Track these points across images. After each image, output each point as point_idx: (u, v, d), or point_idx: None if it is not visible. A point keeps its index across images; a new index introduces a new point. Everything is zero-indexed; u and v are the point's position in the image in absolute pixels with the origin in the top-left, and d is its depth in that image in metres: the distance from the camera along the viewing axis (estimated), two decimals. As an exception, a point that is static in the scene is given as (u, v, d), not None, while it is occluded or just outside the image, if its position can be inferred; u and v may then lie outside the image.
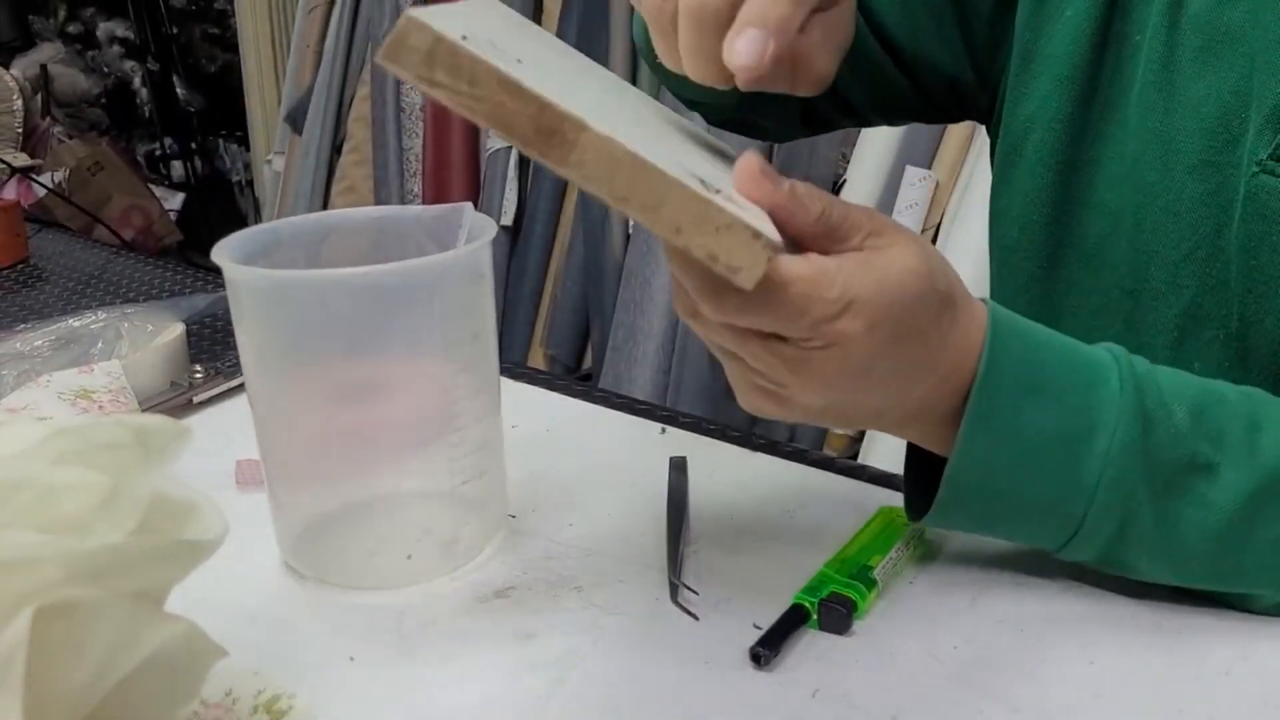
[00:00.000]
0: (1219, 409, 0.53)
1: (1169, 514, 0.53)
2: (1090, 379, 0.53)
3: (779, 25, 0.48)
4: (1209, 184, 0.61)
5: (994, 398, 0.51)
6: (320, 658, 0.56)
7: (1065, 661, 0.53)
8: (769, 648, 0.53)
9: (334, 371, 0.60)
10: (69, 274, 1.20)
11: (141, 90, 3.46)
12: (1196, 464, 0.52)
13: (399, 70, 0.40)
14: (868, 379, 0.50)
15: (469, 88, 0.40)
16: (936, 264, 0.50)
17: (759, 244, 0.42)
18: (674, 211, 0.41)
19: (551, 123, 0.40)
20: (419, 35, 0.39)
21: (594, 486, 0.70)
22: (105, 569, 0.38)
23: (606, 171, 0.40)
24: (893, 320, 0.48)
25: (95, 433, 0.43)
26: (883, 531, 0.61)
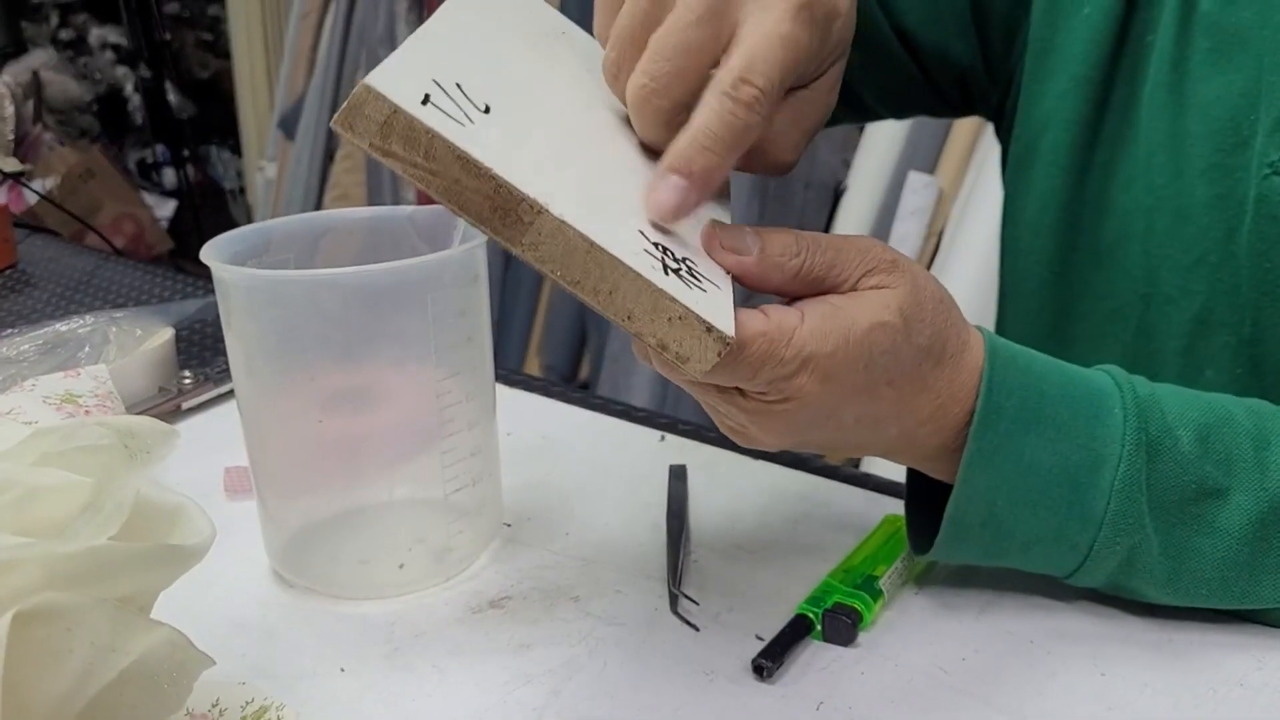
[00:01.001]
0: (1226, 430, 0.52)
1: (1177, 542, 0.51)
2: (1093, 410, 0.51)
3: (704, 177, 0.46)
4: (1219, 187, 0.60)
5: (994, 434, 0.50)
6: (310, 668, 0.54)
7: (1076, 673, 0.52)
8: (772, 659, 0.52)
9: (324, 374, 0.58)
10: (58, 279, 1.19)
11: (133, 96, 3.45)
12: (1205, 490, 0.51)
13: (353, 138, 0.39)
14: (831, 424, 0.49)
15: (425, 161, 0.39)
16: (921, 314, 0.48)
17: (710, 338, 0.41)
18: (626, 299, 0.41)
19: (507, 202, 0.39)
20: (375, 105, 0.38)
21: (591, 495, 0.69)
22: (87, 573, 0.36)
23: (561, 255, 0.40)
24: (854, 374, 0.47)
25: (78, 434, 0.42)
26: (888, 541, 0.59)
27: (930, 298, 0.49)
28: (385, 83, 0.38)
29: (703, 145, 0.45)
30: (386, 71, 0.40)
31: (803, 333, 0.45)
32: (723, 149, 0.46)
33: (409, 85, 0.39)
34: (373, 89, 0.38)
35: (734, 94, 0.45)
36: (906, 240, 1.70)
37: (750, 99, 0.45)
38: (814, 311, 0.46)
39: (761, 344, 0.44)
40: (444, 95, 0.41)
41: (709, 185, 0.46)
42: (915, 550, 0.56)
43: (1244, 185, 0.59)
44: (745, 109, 0.45)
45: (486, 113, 0.42)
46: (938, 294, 0.50)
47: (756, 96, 0.46)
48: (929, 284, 0.49)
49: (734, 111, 0.45)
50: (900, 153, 1.74)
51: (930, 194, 1.70)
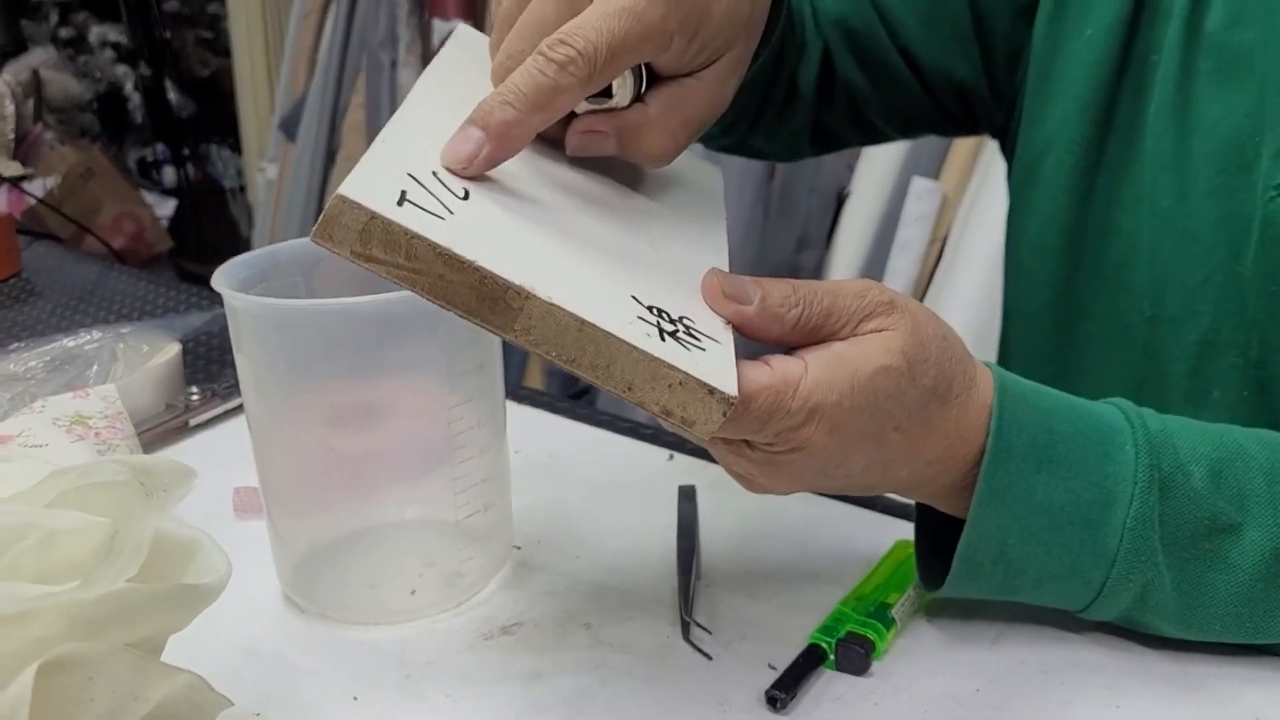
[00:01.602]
0: (1239, 464, 0.51)
1: (1191, 578, 0.51)
2: (1104, 447, 0.51)
3: (501, 131, 0.46)
4: (1224, 209, 0.60)
5: (1005, 473, 0.50)
6: (322, 696, 0.54)
7: (1090, 705, 0.52)
8: (785, 690, 0.52)
9: (335, 400, 0.58)
10: (62, 288, 1.18)
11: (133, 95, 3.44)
12: (1218, 526, 0.51)
13: (333, 249, 0.39)
14: (840, 472, 0.49)
15: (407, 261, 0.39)
16: (924, 354, 0.48)
17: (714, 399, 0.41)
18: (624, 371, 0.41)
19: (494, 291, 0.39)
20: (353, 214, 0.38)
21: (600, 516, 0.69)
22: (107, 618, 0.36)
23: (554, 336, 0.40)
24: (861, 422, 0.47)
25: (94, 472, 0.42)
26: (900, 567, 0.59)
27: (933, 336, 0.48)
28: (359, 190, 0.38)
29: (505, 100, 0.46)
30: (359, 176, 0.40)
31: (808, 383, 0.45)
32: (525, 105, 0.46)
33: (383, 187, 0.39)
34: (347, 199, 0.38)
35: (548, 52, 0.46)
36: (910, 245, 1.69)
37: (563, 58, 0.46)
38: (817, 360, 0.46)
39: (767, 397, 0.44)
40: (421, 189, 0.41)
41: (507, 141, 0.46)
42: (926, 586, 0.56)
43: (1249, 207, 0.58)
44: (556, 68, 0.46)
45: (465, 199, 0.42)
46: (939, 331, 0.49)
47: (571, 57, 0.46)
48: (930, 322, 0.49)
49: (543, 69, 0.46)
50: (904, 158, 1.73)
51: (934, 199, 1.70)
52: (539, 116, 0.46)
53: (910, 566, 0.59)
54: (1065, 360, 0.71)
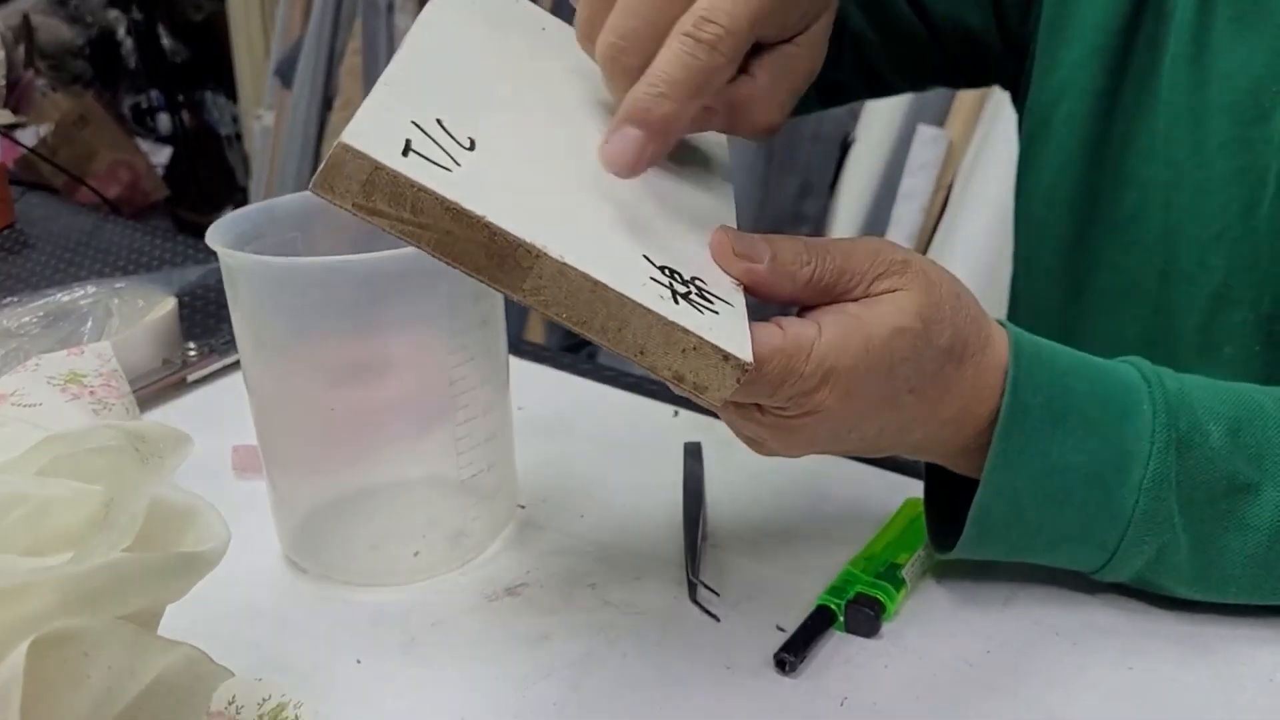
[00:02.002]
0: (1257, 424, 0.50)
1: (1207, 539, 0.50)
2: (1122, 407, 0.50)
3: (662, 126, 0.43)
4: (1239, 161, 0.58)
5: (1020, 433, 0.49)
6: (325, 659, 0.53)
7: (1103, 667, 0.51)
8: (795, 653, 0.51)
9: (335, 358, 0.57)
10: (56, 240, 1.17)
11: (126, 40, 3.39)
12: (1235, 485, 0.49)
13: (335, 200, 0.37)
14: (854, 436, 0.48)
15: (413, 215, 0.37)
16: (939, 314, 0.46)
17: (728, 365, 0.40)
18: (636, 335, 0.39)
19: (504, 249, 0.37)
20: (356, 163, 0.36)
21: (606, 474, 0.68)
22: (102, 590, 0.35)
23: (565, 297, 0.38)
24: (876, 385, 0.45)
25: (88, 437, 0.40)
26: (910, 526, 0.59)
27: (947, 295, 0.47)
28: (363, 138, 0.36)
29: (660, 91, 0.43)
30: (363, 124, 0.37)
31: (821, 346, 0.44)
32: (681, 93, 0.43)
33: (388, 136, 0.37)
34: (350, 147, 0.36)
35: (694, 33, 0.43)
36: (915, 194, 1.67)
37: (712, 38, 0.43)
38: (831, 322, 0.45)
39: (780, 360, 0.43)
40: (426, 139, 0.39)
41: (668, 135, 0.44)
42: (937, 549, 0.55)
43: (1265, 159, 0.57)
44: (706, 50, 0.43)
45: (471, 149, 0.40)
46: (954, 290, 0.48)
47: (719, 35, 0.43)
48: (944, 281, 0.48)
49: (694, 52, 0.43)
50: (909, 106, 1.71)
51: (939, 147, 1.68)
52: (696, 101, 0.44)
53: (920, 526, 0.58)
54: (1074, 315, 0.70)
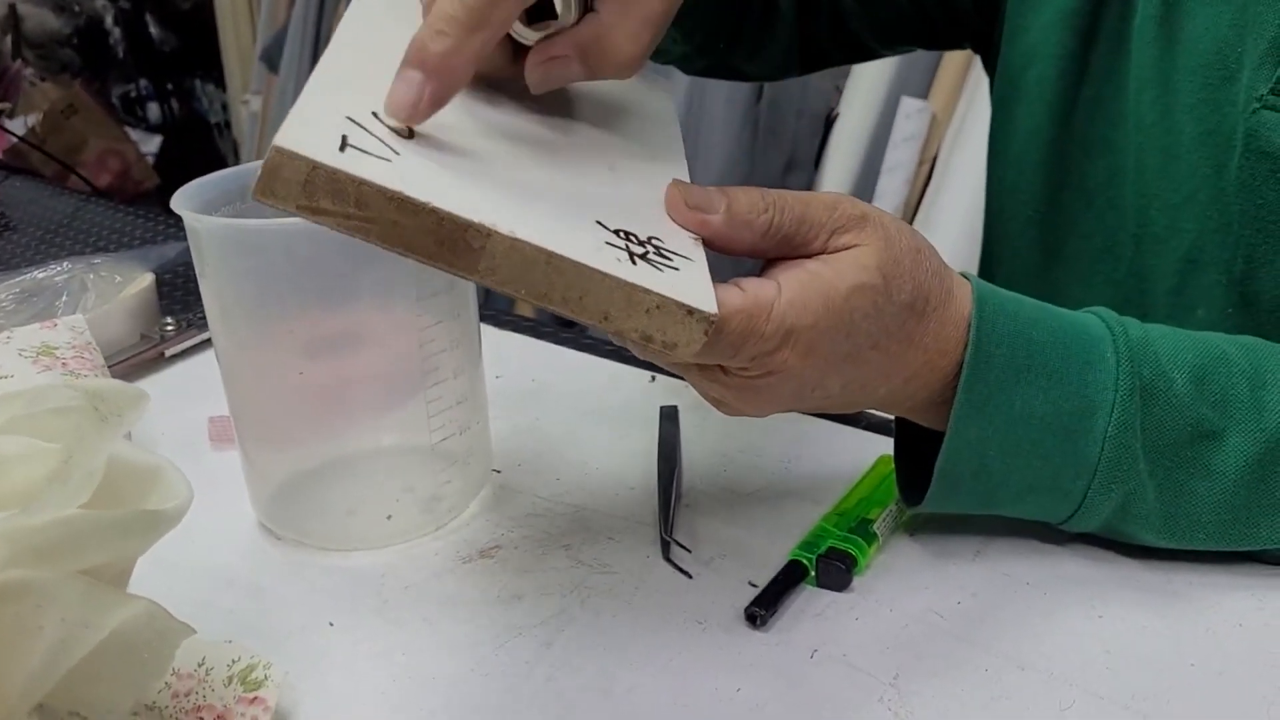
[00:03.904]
0: (1221, 371, 0.50)
1: (1173, 486, 0.50)
2: (1085, 356, 0.50)
3: (439, 64, 0.41)
4: (1207, 123, 0.58)
5: (984, 385, 0.49)
6: (298, 623, 0.53)
7: (1073, 616, 0.51)
8: (765, 607, 0.51)
9: (304, 324, 0.57)
10: (38, 222, 1.17)
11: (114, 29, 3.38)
12: (1200, 432, 0.50)
13: (277, 205, 0.36)
14: (818, 393, 0.48)
15: (358, 211, 0.36)
16: (899, 269, 0.46)
17: (693, 320, 0.40)
18: (598, 301, 0.39)
19: (453, 233, 0.37)
20: (292, 165, 0.35)
21: (582, 439, 0.68)
22: (57, 545, 0.35)
23: (520, 273, 0.38)
24: (837, 343, 0.45)
25: (46, 397, 0.40)
26: (882, 482, 0.59)
27: (907, 250, 0.47)
28: (296, 139, 0.35)
29: (436, 28, 0.42)
30: (294, 124, 0.37)
31: (781, 304, 0.44)
32: (459, 28, 0.42)
33: (321, 134, 0.37)
34: (284, 149, 0.35)
35: None
36: (900, 167, 1.67)
37: None
38: (791, 280, 0.44)
39: (740, 321, 0.43)
40: (362, 132, 0.38)
41: (449, 74, 0.42)
42: (906, 502, 0.55)
43: (1231, 120, 0.57)
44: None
45: (410, 137, 0.39)
46: (913, 244, 0.48)
47: None
48: (903, 235, 0.47)
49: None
50: (892, 78, 1.71)
51: (923, 119, 1.67)
52: (477, 37, 0.42)
53: (892, 482, 0.58)
54: (1048, 279, 0.70)
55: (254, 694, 0.47)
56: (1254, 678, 0.47)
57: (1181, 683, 0.47)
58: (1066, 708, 0.46)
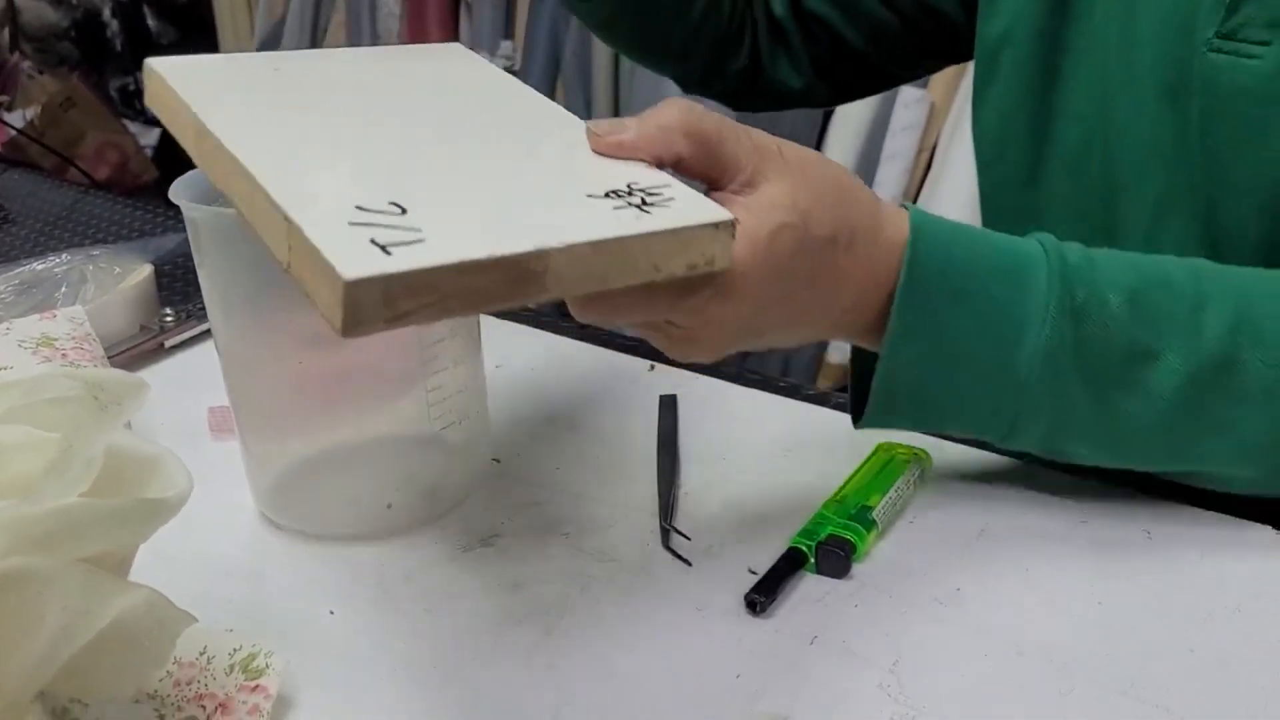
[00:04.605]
0: (1160, 293, 0.51)
1: (1107, 404, 0.51)
2: (1018, 278, 0.51)
3: None
4: (1168, 76, 0.61)
5: (916, 309, 0.50)
6: (299, 612, 0.53)
7: (1072, 601, 0.51)
8: (765, 594, 0.51)
9: (303, 314, 0.56)
10: (37, 215, 1.16)
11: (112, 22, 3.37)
12: (1134, 352, 0.51)
13: (367, 330, 0.35)
14: (758, 335, 0.49)
15: (433, 296, 0.36)
16: (818, 202, 0.47)
17: (720, 231, 0.42)
18: (648, 258, 0.41)
19: (514, 269, 0.38)
20: (368, 290, 0.34)
21: (581, 428, 0.68)
22: (56, 533, 0.35)
23: (582, 274, 0.39)
24: (767, 286, 0.46)
25: (45, 387, 0.40)
26: (882, 470, 0.59)
27: (828, 185, 0.48)
28: (349, 263, 0.34)
29: None
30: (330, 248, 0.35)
31: None
32: None
33: (357, 245, 0.36)
34: (354, 280, 0.34)
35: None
36: (898, 156, 1.67)
37: None
38: None
39: None
40: (376, 228, 0.37)
41: None
42: (854, 422, 0.56)
43: (1190, 73, 0.59)
44: None
45: (405, 213, 0.39)
46: (834, 178, 0.49)
47: None
48: (821, 169, 0.48)
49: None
50: (892, 66, 1.70)
51: (922, 109, 1.67)
52: None
53: (892, 469, 0.59)
54: None
55: (255, 682, 0.47)
56: (1254, 664, 0.47)
57: (1181, 669, 0.47)
58: (1066, 694, 0.46)
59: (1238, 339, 0.50)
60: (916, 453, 0.60)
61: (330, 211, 0.38)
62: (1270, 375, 0.50)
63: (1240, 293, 0.52)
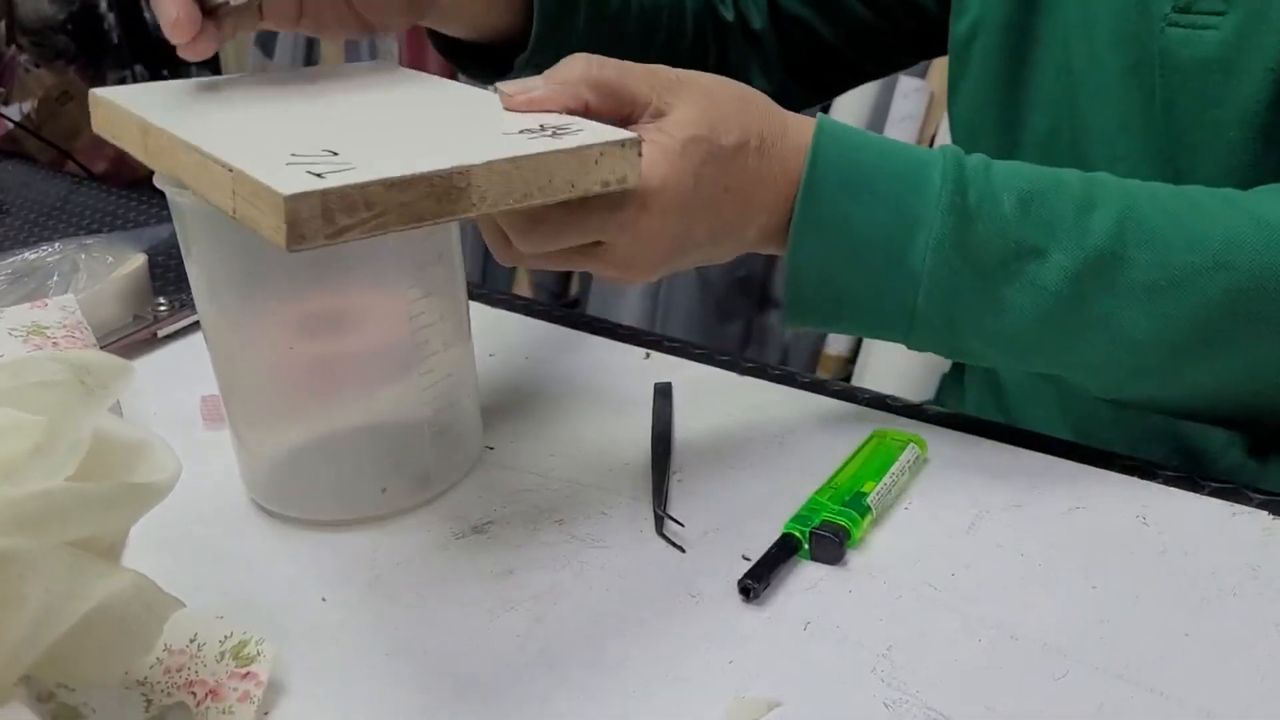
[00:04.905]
0: (1053, 195, 0.53)
1: (997, 299, 0.54)
2: (913, 178, 0.53)
3: None
4: (1130, 56, 0.62)
5: (816, 202, 0.53)
6: (290, 599, 0.53)
7: (1068, 587, 0.51)
8: (758, 580, 0.51)
9: (291, 300, 0.56)
10: (31, 206, 1.16)
11: (108, 15, 3.36)
12: (1023, 250, 0.53)
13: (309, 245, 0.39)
14: (691, 246, 0.52)
15: (369, 211, 0.40)
16: (722, 114, 0.51)
17: (626, 149, 0.46)
18: (563, 175, 0.45)
19: (443, 186, 0.41)
20: (308, 204, 0.39)
21: (576, 416, 0.68)
22: (41, 516, 0.35)
23: (503, 189, 0.43)
24: (688, 196, 0.50)
25: (31, 370, 0.40)
26: (876, 456, 0.58)
27: (730, 98, 0.52)
28: (288, 184, 0.39)
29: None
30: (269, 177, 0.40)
31: None
32: None
33: (295, 174, 0.40)
34: (293, 195, 0.38)
35: None
36: (898, 145, 1.66)
37: None
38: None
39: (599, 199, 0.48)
40: (309, 161, 0.42)
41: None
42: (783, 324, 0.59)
43: (1150, 48, 0.61)
44: None
45: (336, 155, 0.43)
46: (737, 93, 0.53)
47: None
48: (722, 87, 0.53)
49: None
50: (890, 56, 1.70)
51: (921, 99, 1.67)
52: None
53: (887, 455, 0.58)
54: None
55: (246, 669, 0.47)
56: (1249, 647, 0.47)
57: (1176, 652, 0.47)
58: (1060, 677, 0.46)
59: (1124, 237, 0.52)
60: (912, 439, 0.60)
61: (268, 155, 0.43)
62: (1155, 273, 0.52)
63: (1131, 196, 0.54)
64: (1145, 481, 0.58)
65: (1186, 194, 0.54)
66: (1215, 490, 0.56)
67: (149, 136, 0.49)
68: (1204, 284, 0.52)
